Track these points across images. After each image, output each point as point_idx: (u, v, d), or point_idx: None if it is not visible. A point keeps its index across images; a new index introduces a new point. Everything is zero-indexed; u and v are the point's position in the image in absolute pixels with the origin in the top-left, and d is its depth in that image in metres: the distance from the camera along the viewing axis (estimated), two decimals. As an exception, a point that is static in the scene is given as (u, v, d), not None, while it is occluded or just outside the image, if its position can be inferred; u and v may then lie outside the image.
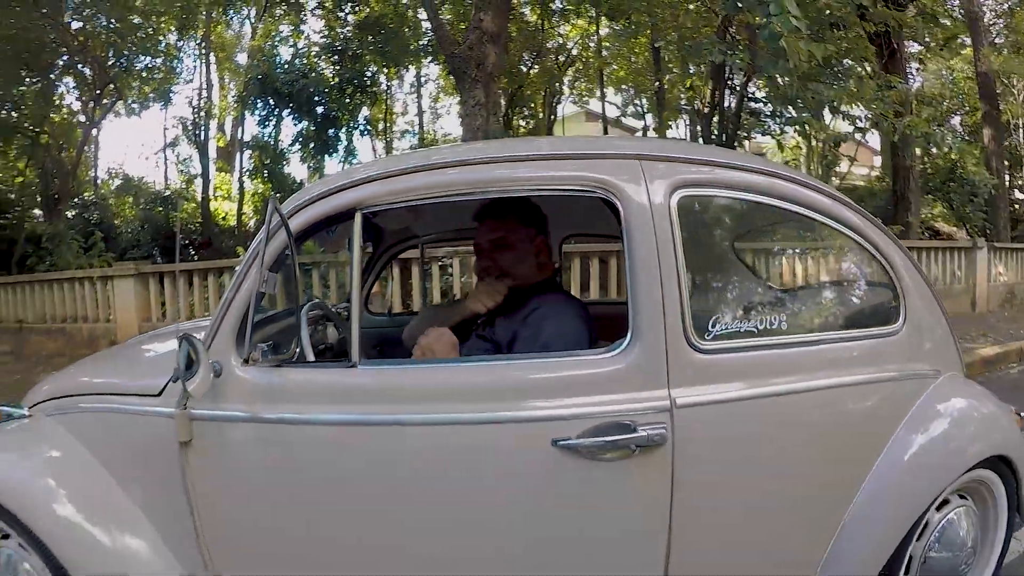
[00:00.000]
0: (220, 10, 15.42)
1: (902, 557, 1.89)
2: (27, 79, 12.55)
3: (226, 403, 1.67)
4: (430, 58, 16.72)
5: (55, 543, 1.77)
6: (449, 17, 14.71)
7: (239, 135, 20.79)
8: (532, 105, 20.92)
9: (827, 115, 10.20)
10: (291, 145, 17.66)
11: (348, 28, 16.82)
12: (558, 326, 1.90)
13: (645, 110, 20.06)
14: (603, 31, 17.49)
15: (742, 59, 8.96)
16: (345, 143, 17.35)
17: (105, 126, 18.49)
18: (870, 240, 1.94)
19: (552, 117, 21.78)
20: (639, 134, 23.03)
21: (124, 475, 1.85)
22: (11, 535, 1.89)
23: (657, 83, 16.30)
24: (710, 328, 1.65)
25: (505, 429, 1.55)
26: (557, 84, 20.54)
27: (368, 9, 16.25)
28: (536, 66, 19.09)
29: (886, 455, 1.86)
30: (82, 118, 16.05)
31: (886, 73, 10.33)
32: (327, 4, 15.76)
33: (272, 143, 17.99)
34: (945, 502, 1.99)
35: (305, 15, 17.10)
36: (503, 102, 19.08)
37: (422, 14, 14.83)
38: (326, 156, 17.56)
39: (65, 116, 15.74)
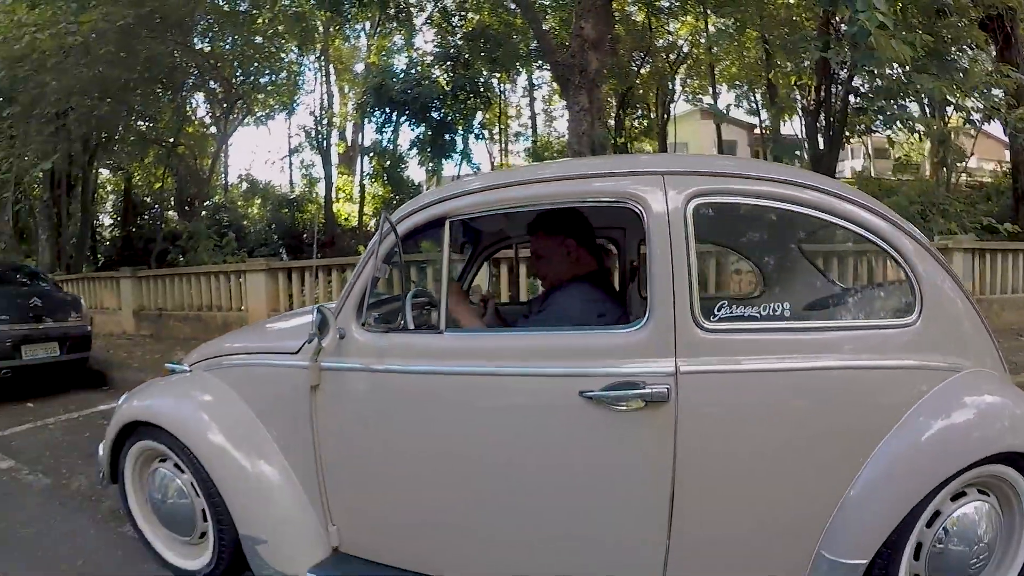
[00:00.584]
0: (336, 28, 16.31)
1: (904, 539, 2.02)
2: (163, 96, 13.84)
3: (347, 358, 2.28)
4: (539, 63, 17.03)
5: (209, 463, 2.44)
6: (553, 25, 15.08)
7: (359, 141, 21.94)
8: (644, 105, 20.97)
9: (948, 108, 9.86)
10: (409, 150, 18.60)
11: (459, 36, 17.50)
12: (560, 310, 2.43)
13: (760, 106, 19.50)
14: (712, 28, 17.13)
15: (840, 54, 8.81)
16: (461, 147, 18.11)
17: (240, 135, 20.20)
18: (885, 238, 2.12)
19: (665, 116, 21.68)
20: (756, 132, 22.62)
21: (263, 413, 2.51)
22: (169, 458, 2.59)
23: (767, 80, 16.03)
24: (715, 312, 2.00)
25: (545, 381, 2.03)
26: (669, 83, 20.49)
27: (477, 18, 16.90)
28: (647, 66, 19.13)
29: (890, 439, 2.01)
30: (214, 130, 17.71)
31: (1001, 61, 9.72)
32: (435, 17, 16.47)
33: (391, 148, 18.93)
34: (962, 494, 2.09)
35: (417, 28, 17.86)
36: (614, 103, 19.33)
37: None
38: (443, 160, 18.38)
39: (198, 128, 17.42)
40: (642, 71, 19.04)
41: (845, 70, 10.75)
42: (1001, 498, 2.16)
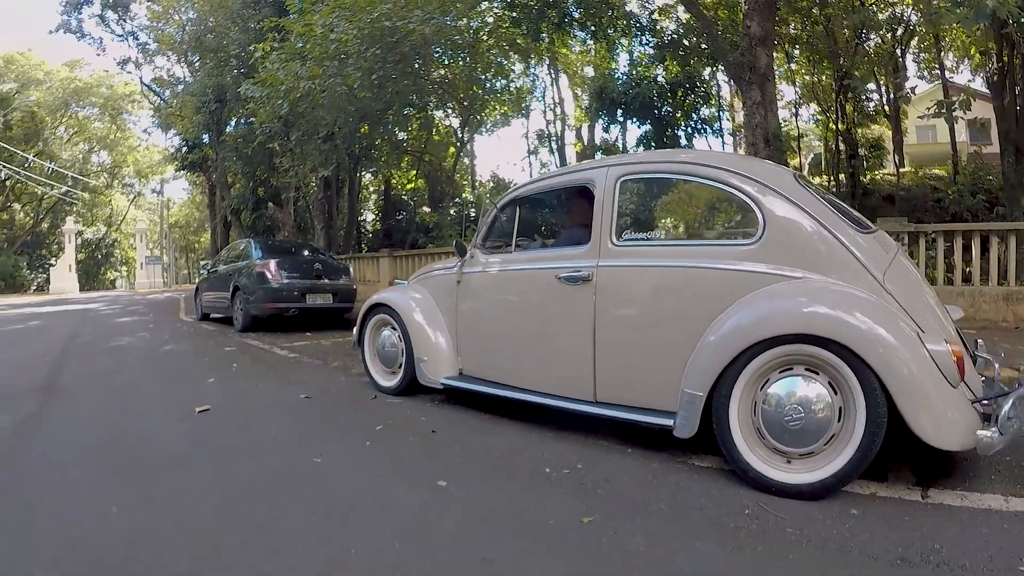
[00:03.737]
0: (558, 40, 18.22)
1: (730, 388, 3.04)
2: (410, 115, 16.84)
3: (474, 265, 4.69)
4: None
5: (410, 330, 5.03)
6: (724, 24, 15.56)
7: (593, 140, 23.53)
8: (863, 89, 19.26)
9: None
10: (636, 147, 19.44)
11: (672, 35, 18.21)
12: (565, 239, 4.48)
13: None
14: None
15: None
16: (686, 143, 18.57)
17: (478, 139, 23.36)
18: (735, 186, 3.41)
19: (900, 94, 20.20)
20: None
21: (436, 297, 5.02)
22: (390, 325, 5.32)
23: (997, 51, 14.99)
24: (621, 236, 3.76)
25: (544, 272, 4.04)
26: (899, 60, 18.45)
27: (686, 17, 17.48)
28: (866, 44, 17.57)
29: (726, 314, 3.17)
30: (456, 138, 21.03)
31: None
32: (642, 21, 17.39)
33: (620, 146, 20.22)
34: (788, 368, 2.97)
35: (637, 33, 18.57)
36: (835, 87, 18.85)
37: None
38: None
39: (443, 137, 20.80)
40: (859, 50, 17.32)
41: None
42: (833, 381, 2.88)
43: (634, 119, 18.70)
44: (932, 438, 2.69)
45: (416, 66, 13.06)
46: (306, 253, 12.04)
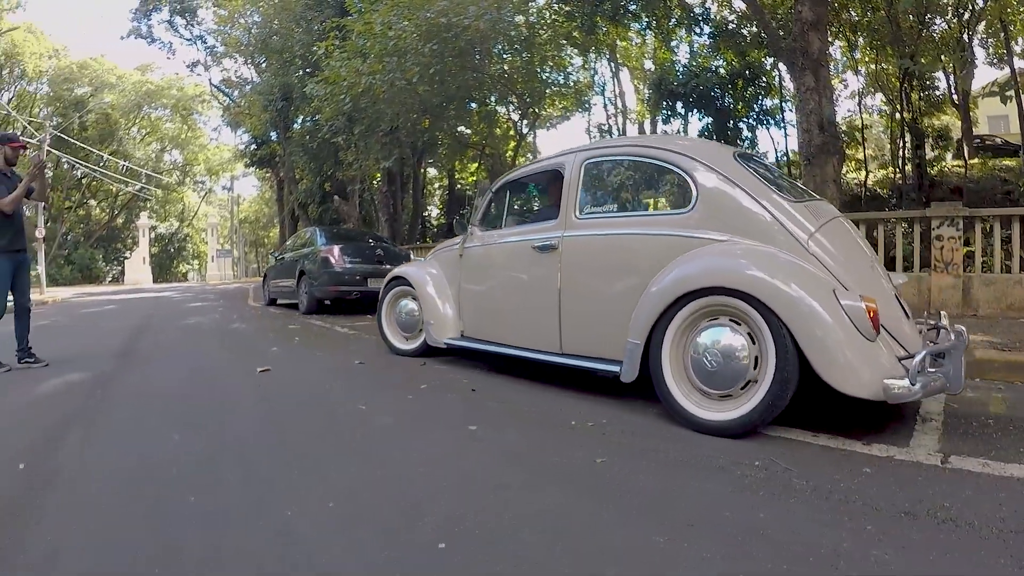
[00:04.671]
0: (615, 33, 18.30)
1: (662, 335, 3.52)
2: (471, 109, 17.17)
3: (473, 241, 5.51)
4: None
5: (421, 298, 5.95)
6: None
7: (655, 133, 23.07)
8: (928, 69, 18.31)
9: None
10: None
11: (728, 24, 18.16)
12: (540, 215, 5.11)
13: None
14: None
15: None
16: (748, 134, 18.53)
17: (541, 133, 23.52)
18: (676, 165, 3.94)
19: (963, 74, 19.09)
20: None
21: (444, 269, 5.88)
22: (410, 295, 6.20)
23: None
24: (583, 211, 4.42)
25: (523, 243, 4.78)
26: (965, 45, 17.90)
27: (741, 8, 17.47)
28: (930, 29, 17.32)
29: (663, 272, 3.64)
30: (517, 131, 21.21)
31: None
32: (696, 11, 17.38)
33: None
34: (715, 319, 3.42)
35: (693, 24, 18.61)
36: (900, 75, 18.36)
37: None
38: None
39: (503, 131, 20.99)
40: (923, 36, 17.10)
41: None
42: (752, 331, 3.28)
43: (695, 111, 18.59)
44: (839, 384, 2.99)
45: (475, 61, 13.32)
46: (369, 241, 12.65)
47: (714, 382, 3.35)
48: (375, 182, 20.39)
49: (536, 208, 6.53)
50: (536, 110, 18.44)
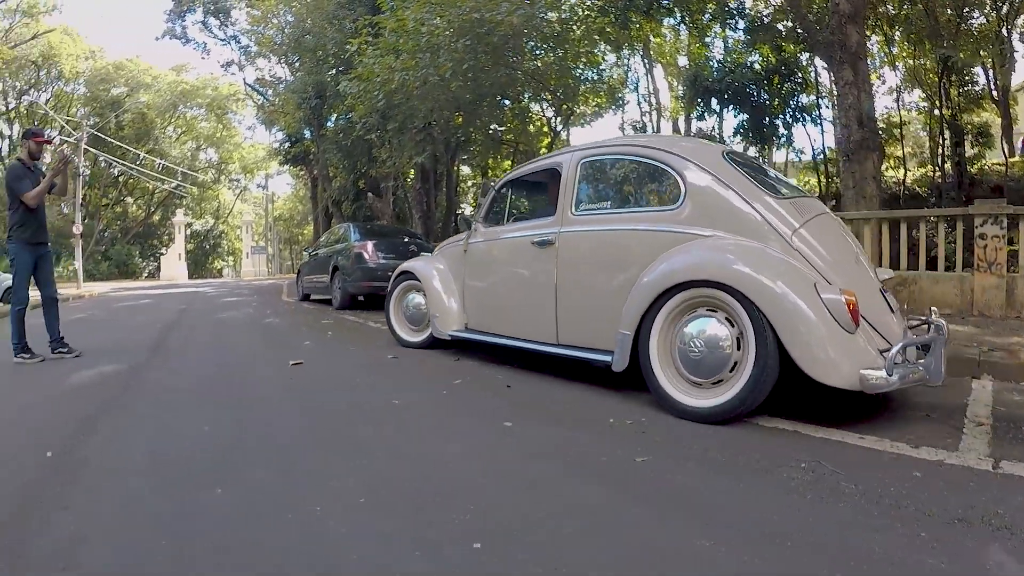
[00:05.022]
0: (649, 28, 18.02)
1: (650, 325, 3.71)
2: (504, 106, 17.07)
3: (477, 237, 5.77)
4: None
5: (427, 292, 6.17)
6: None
7: (689, 130, 22.82)
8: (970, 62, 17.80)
9: None
10: (733, 136, 18.88)
11: (764, 18, 17.77)
12: (540, 211, 5.33)
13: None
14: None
15: None
16: (784, 131, 18.22)
17: (575, 131, 23.27)
18: (667, 164, 4.10)
19: (1008, 74, 18.96)
20: None
21: (449, 264, 6.13)
22: (418, 290, 6.46)
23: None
24: (579, 208, 4.64)
25: (523, 239, 5.01)
26: (1005, 39, 17.73)
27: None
28: (969, 23, 17.22)
29: (653, 265, 3.80)
30: (551, 128, 21.07)
31: None
32: (731, 5, 16.99)
33: (717, 136, 19.56)
34: (694, 308, 3.62)
35: (728, 18, 18.06)
36: (938, 69, 17.97)
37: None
38: (766, 146, 18.74)
39: (538, 127, 20.87)
40: (961, 30, 16.98)
41: None
42: (730, 316, 3.46)
43: (730, 108, 18.32)
44: (817, 374, 3.12)
45: (508, 57, 13.25)
46: (402, 237, 12.70)
47: (698, 370, 3.51)
48: (408, 179, 20.42)
49: (536, 205, 6.81)
50: (570, 106, 18.27)
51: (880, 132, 15.59)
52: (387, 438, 3.24)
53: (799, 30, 15.17)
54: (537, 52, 14.76)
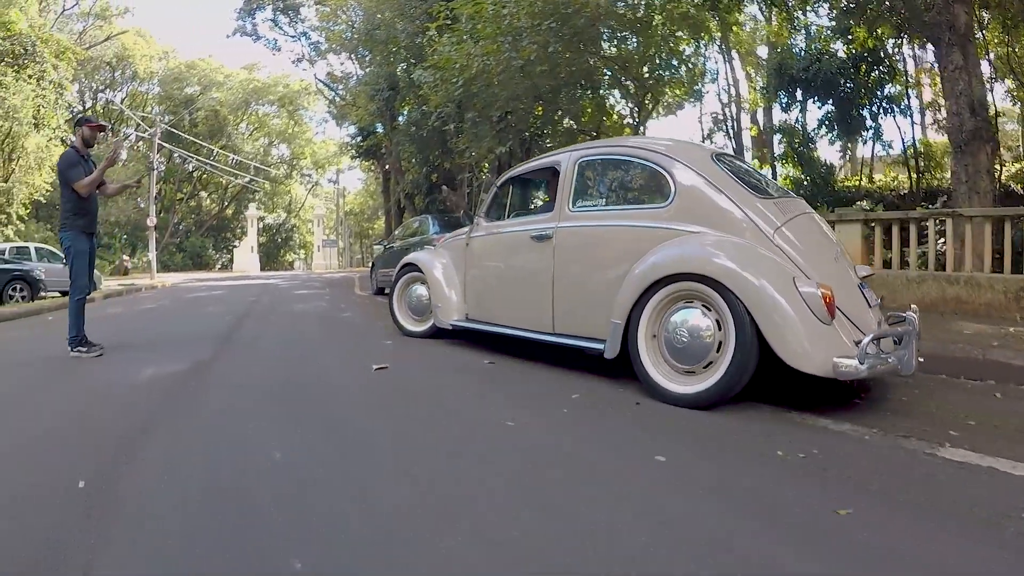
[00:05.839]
0: (731, 14, 17.08)
1: (639, 316, 3.93)
2: (583, 96, 16.52)
3: (479, 231, 5.95)
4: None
5: (430, 284, 6.42)
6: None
7: (771, 123, 22.05)
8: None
9: None
10: (817, 128, 18.14)
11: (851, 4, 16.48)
12: (542, 209, 5.78)
13: None
14: None
15: None
16: (871, 122, 17.43)
17: (653, 124, 22.51)
18: (658, 164, 4.34)
19: None
20: None
21: (452, 257, 6.36)
22: (420, 282, 6.80)
23: None
24: (576, 204, 4.88)
25: (522, 233, 5.24)
26: None
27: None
28: None
29: (642, 259, 4.03)
30: (629, 121, 20.29)
31: None
32: None
33: (799, 128, 18.65)
34: (689, 302, 3.80)
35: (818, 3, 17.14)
36: None
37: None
38: (852, 137, 18.01)
39: (616, 120, 20.14)
40: None
41: None
42: (713, 307, 3.65)
43: (814, 98, 17.35)
44: (792, 361, 3.32)
45: (589, 43, 12.67)
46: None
47: (682, 358, 3.73)
48: (483, 173, 19.97)
49: (535, 202, 7.16)
50: (654, 96, 17.50)
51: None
52: (512, 477, 2.51)
53: (898, 11, 14.11)
54: (619, 37, 14.10)
